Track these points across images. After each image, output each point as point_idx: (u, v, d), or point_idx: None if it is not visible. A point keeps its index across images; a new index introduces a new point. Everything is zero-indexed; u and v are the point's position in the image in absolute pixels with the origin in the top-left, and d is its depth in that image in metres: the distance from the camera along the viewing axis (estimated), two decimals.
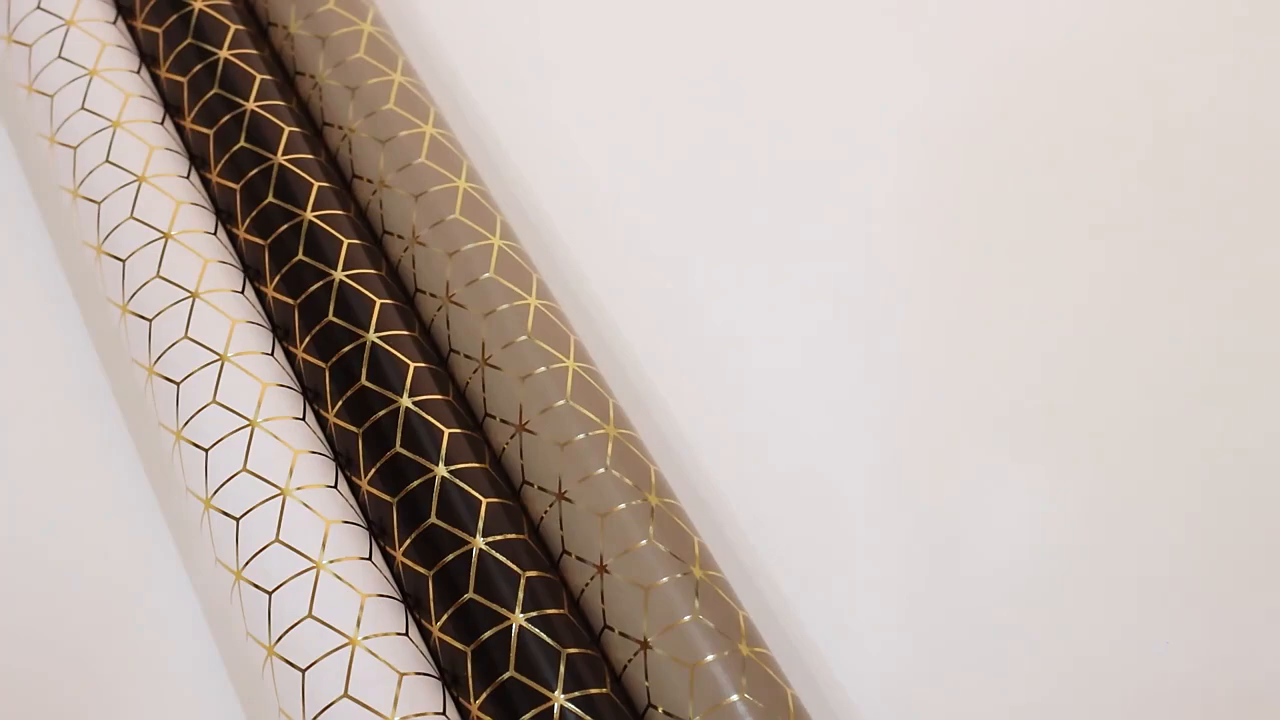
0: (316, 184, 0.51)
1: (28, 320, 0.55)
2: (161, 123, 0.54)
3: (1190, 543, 0.51)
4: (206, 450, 0.47)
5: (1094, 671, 0.49)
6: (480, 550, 0.44)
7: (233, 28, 0.55)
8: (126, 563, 0.50)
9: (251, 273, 0.51)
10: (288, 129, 0.52)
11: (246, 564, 0.45)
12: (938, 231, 0.57)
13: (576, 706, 0.42)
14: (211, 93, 0.53)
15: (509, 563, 0.44)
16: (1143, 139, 0.59)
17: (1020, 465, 0.52)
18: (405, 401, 0.47)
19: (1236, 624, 0.50)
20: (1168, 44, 0.61)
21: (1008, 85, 0.61)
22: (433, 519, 0.45)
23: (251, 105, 0.53)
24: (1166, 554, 0.51)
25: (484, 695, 0.43)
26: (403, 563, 0.45)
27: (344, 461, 0.47)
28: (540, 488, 0.46)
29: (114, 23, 0.56)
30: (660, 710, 0.42)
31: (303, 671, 0.43)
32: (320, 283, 0.49)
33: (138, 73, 0.55)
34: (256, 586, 0.44)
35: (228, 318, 0.49)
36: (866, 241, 0.57)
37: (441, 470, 0.46)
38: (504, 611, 0.43)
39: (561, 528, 0.45)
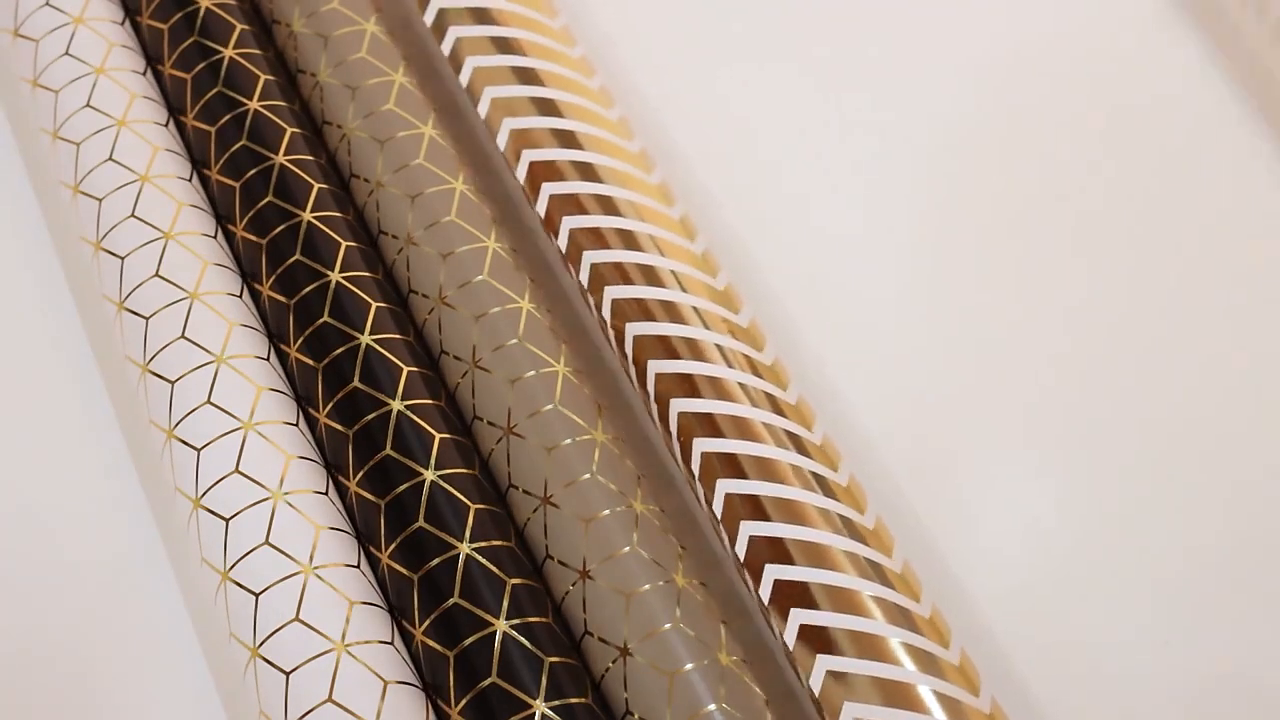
0: (316, 185, 0.51)
1: (20, 311, 0.55)
2: (166, 125, 0.54)
3: None
4: (198, 450, 0.47)
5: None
6: (466, 556, 0.44)
7: (238, 27, 0.55)
8: (111, 558, 0.50)
9: (248, 271, 0.51)
10: (289, 130, 0.53)
11: (234, 565, 0.45)
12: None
13: (556, 715, 0.42)
14: (214, 91, 0.53)
15: (494, 569, 0.44)
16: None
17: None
18: (397, 405, 0.47)
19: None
20: None
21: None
22: (420, 523, 0.45)
23: (255, 105, 0.53)
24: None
25: (464, 701, 0.43)
26: (388, 566, 0.45)
27: (332, 463, 0.48)
28: (526, 491, 0.46)
29: (122, 24, 0.56)
30: (637, 718, 0.43)
31: (287, 674, 0.43)
32: (316, 284, 0.49)
33: (144, 74, 0.55)
34: (243, 588, 0.45)
35: (225, 320, 0.49)
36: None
37: (430, 475, 0.46)
38: (488, 617, 0.44)
39: (546, 534, 0.45)
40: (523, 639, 0.43)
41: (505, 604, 0.44)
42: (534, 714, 0.42)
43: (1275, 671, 0.49)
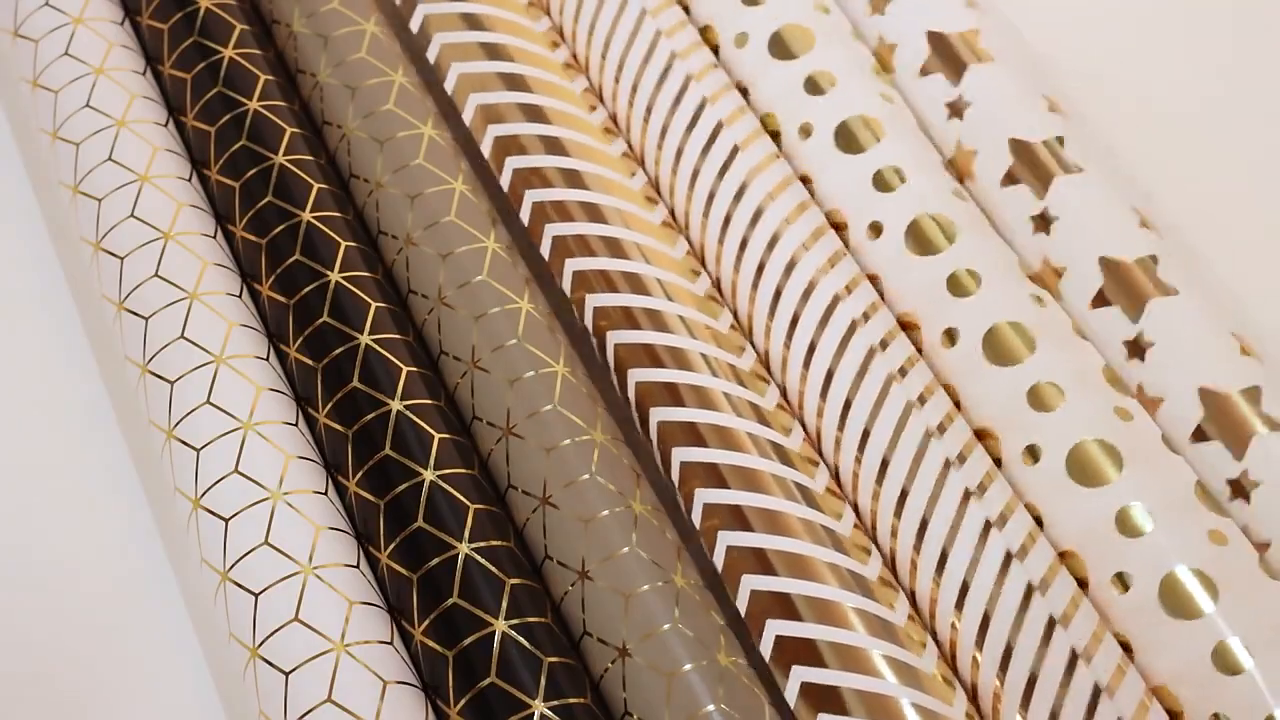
0: (316, 185, 0.51)
1: (20, 311, 0.55)
2: (165, 125, 0.54)
3: None
4: (198, 450, 0.47)
5: None
6: (465, 556, 0.45)
7: (238, 27, 0.55)
8: (110, 558, 0.50)
9: (247, 272, 0.51)
10: (289, 130, 0.53)
11: (233, 566, 0.45)
12: None
13: (555, 715, 0.42)
14: (214, 91, 0.54)
15: (494, 569, 0.44)
16: None
17: None
18: (396, 405, 0.47)
19: None
20: None
21: None
22: (419, 523, 0.45)
23: (254, 105, 0.53)
24: None
25: (464, 701, 0.43)
26: (388, 566, 0.45)
27: (332, 463, 0.48)
28: (525, 492, 0.46)
29: (121, 24, 0.56)
30: (636, 719, 0.43)
31: (286, 675, 0.43)
32: (315, 284, 0.49)
33: (144, 74, 0.55)
34: (242, 588, 0.45)
35: (225, 320, 0.49)
36: None
37: (430, 475, 0.46)
38: (487, 618, 0.44)
39: (545, 534, 0.46)
40: (522, 639, 0.43)
41: (504, 604, 0.44)
42: (533, 714, 0.42)
43: None
